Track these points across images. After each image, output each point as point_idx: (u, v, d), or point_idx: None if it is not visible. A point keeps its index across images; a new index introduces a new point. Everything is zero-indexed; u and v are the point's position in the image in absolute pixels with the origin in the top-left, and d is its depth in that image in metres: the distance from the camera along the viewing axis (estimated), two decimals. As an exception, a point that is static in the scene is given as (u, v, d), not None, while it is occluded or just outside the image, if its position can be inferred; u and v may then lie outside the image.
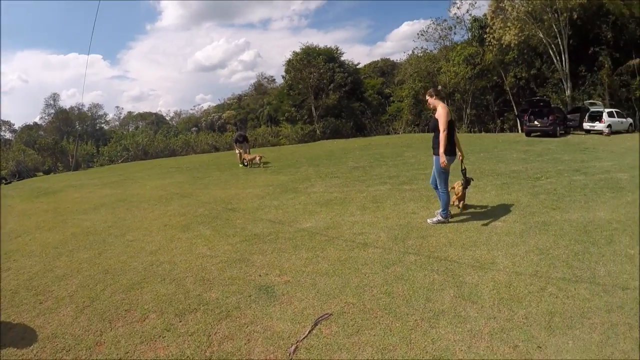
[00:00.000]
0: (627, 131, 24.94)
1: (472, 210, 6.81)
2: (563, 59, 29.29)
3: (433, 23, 40.50)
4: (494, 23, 30.55)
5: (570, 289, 3.82)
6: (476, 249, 5.05)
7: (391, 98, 56.22)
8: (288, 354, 3.10)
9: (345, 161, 14.44)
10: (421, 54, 43.32)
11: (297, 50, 44.43)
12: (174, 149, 33.98)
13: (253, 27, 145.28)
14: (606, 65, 28.94)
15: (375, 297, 3.96)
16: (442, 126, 5.42)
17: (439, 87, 6.96)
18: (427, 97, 5.83)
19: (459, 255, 4.87)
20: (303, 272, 4.63)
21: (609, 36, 28.86)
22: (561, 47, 29.03)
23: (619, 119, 24.45)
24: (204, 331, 3.51)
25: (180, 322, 3.67)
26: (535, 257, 4.65)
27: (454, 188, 6.62)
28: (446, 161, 5.56)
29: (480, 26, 35.03)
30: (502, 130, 36.69)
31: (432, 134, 5.92)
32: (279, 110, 49.53)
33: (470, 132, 35.92)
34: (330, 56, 44.10)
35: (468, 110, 39.45)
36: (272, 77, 78.82)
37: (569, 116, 24.67)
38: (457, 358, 3.00)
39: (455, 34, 46.29)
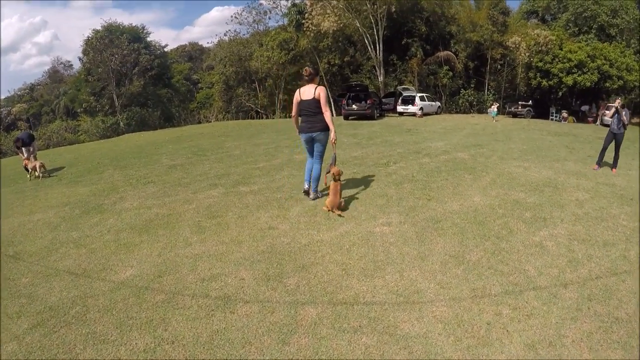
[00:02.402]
0: (436, 113, 29.19)
1: (345, 212, 5.69)
2: (377, 47, 31.87)
3: (248, 6, 39.96)
4: (313, 9, 31.29)
5: (522, 304, 3.45)
6: (384, 273, 3.90)
7: (199, 84, 53.93)
8: None
9: (158, 159, 11.80)
10: (233, 38, 42.41)
11: (99, 28, 38.47)
12: (-54, 162, 24.85)
13: (52, 4, 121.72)
14: (418, 55, 32.83)
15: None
16: (325, 105, 5.70)
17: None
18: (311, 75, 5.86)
19: (370, 289, 3.62)
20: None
21: (422, 30, 32.76)
22: (376, 37, 31.52)
23: (429, 102, 28.21)
24: None
25: None
26: (457, 269, 4.01)
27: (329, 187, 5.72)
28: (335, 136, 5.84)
29: (298, 11, 35.49)
30: (319, 114, 38.05)
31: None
32: (75, 100, 41.87)
33: (286, 117, 36.08)
34: (136, 36, 39.27)
35: (281, 96, 39.94)
36: (69, 62, 67.92)
37: (384, 100, 27.01)
38: None
39: (270, 18, 46.54)
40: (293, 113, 6.05)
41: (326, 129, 5.79)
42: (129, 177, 9.18)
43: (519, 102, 30.49)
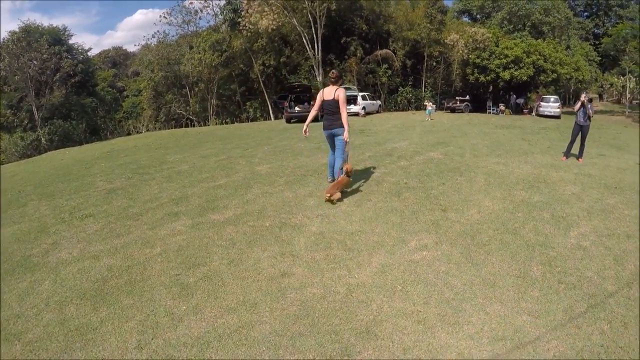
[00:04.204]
0: (377, 111, 29.01)
1: (363, 237, 4.70)
2: (316, 47, 31.38)
3: (178, 5, 37.74)
4: (249, 7, 30.17)
5: (611, 316, 3.37)
6: (467, 315, 3.29)
7: (125, 92, 50.57)
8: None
9: (92, 181, 9.54)
10: (162, 40, 39.96)
11: (16, 29, 33.82)
12: None
13: None
14: (358, 54, 32.76)
15: None
16: (342, 105, 6.26)
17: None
18: (337, 78, 6.50)
19: (469, 343, 2.99)
20: None
21: (363, 28, 32.74)
22: (315, 36, 31.03)
23: (371, 102, 28.03)
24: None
25: None
26: (532, 291, 3.69)
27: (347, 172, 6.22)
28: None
29: (233, 10, 33.98)
30: (254, 119, 36.62)
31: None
32: None
33: (223, 123, 34.51)
34: (57, 38, 34.95)
35: (214, 101, 38.12)
36: None
37: (325, 100, 26.21)
38: None
39: (200, 19, 44.27)
40: (315, 108, 6.79)
41: (343, 126, 6.34)
42: (60, 210, 7.16)
43: (456, 98, 31.29)
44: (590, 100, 9.61)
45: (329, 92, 6.36)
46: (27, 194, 9.25)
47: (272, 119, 33.32)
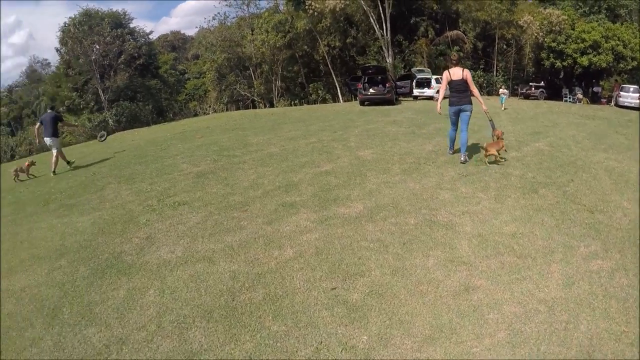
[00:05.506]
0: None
1: (527, 241, 4.28)
2: (385, 27, 30.40)
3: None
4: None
5: None
6: None
7: (186, 75, 51.85)
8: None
9: (174, 164, 9.00)
10: (223, 20, 40.22)
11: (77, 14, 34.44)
12: None
13: (23, 3, 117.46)
14: (429, 35, 31.53)
15: None
16: (472, 84, 7.18)
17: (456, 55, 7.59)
18: (459, 60, 7.41)
19: None
20: None
21: (434, 7, 31.56)
22: (383, 16, 30.04)
23: (444, 85, 26.71)
24: None
25: None
26: None
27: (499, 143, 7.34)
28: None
29: (299, -12, 33.55)
30: (324, 100, 36.13)
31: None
32: (56, 98, 37.44)
33: (291, 105, 34.00)
34: (118, 22, 35.41)
35: (278, 83, 37.91)
36: (46, 59, 63.24)
37: (399, 83, 25.42)
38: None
39: (260, 0, 44.40)
40: (442, 89, 7.58)
41: (470, 102, 7.21)
42: (145, 196, 6.37)
43: (530, 84, 29.74)
44: None
45: (455, 73, 7.14)
46: (103, 176, 8.68)
47: (341, 101, 32.93)
